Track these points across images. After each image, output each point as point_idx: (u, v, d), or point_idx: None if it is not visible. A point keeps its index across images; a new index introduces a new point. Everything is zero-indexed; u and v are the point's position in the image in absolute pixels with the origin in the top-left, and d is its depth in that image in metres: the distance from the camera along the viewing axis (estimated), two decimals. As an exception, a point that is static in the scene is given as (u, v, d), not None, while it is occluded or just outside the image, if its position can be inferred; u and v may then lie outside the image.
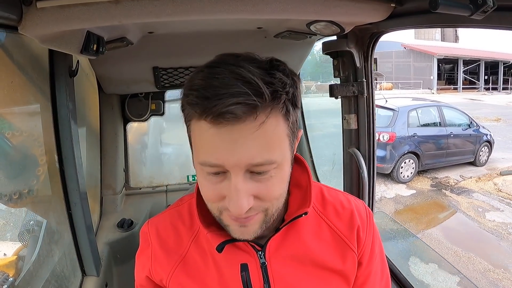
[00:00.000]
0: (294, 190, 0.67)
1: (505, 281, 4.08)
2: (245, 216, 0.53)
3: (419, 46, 26.09)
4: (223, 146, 0.48)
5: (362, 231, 0.68)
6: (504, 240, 5.04)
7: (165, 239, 0.67)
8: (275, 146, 0.51)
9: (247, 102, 0.45)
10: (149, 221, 0.71)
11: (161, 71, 1.57)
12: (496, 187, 6.87)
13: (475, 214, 5.87)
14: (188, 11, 0.74)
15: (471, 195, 6.65)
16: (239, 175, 0.50)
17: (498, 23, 0.70)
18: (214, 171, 0.51)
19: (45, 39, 0.77)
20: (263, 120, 0.48)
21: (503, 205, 6.12)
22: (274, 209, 0.56)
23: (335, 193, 0.72)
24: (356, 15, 0.89)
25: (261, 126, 0.48)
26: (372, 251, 0.70)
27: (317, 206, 0.69)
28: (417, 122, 7.35)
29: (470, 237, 5.18)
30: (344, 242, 0.67)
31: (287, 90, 0.50)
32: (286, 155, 0.54)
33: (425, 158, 7.33)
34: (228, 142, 0.48)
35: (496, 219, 5.64)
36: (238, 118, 0.46)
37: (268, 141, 0.50)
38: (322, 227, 0.67)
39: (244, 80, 0.46)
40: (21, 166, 1.09)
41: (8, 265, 1.28)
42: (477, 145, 8.00)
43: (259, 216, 0.55)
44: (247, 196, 0.51)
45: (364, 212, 0.71)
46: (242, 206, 0.50)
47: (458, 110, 8.32)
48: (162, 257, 0.66)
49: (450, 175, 7.59)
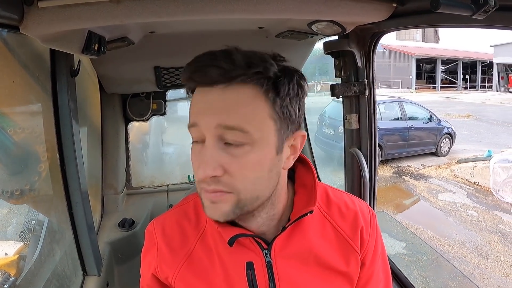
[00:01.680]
0: (299, 190, 0.67)
1: (447, 247, 4.82)
2: (212, 189, 0.53)
3: (398, 47, 26.53)
4: (199, 106, 0.54)
5: (366, 232, 0.68)
6: (451, 215, 5.77)
7: (171, 238, 0.67)
8: (250, 118, 0.52)
9: (218, 65, 0.50)
10: (154, 220, 0.71)
11: (162, 70, 1.57)
12: (452, 173, 7.57)
13: (428, 195, 6.58)
14: (190, 11, 0.74)
15: (428, 180, 7.37)
16: (211, 140, 0.52)
17: (499, 23, 0.70)
18: (195, 136, 0.55)
19: (47, 39, 0.77)
20: (235, 86, 0.51)
21: (456, 188, 6.88)
22: (249, 195, 0.55)
23: (339, 193, 0.72)
24: (358, 15, 0.89)
25: (234, 90, 0.51)
26: (375, 252, 0.70)
27: (321, 206, 0.69)
28: (380, 116, 8.00)
29: (421, 213, 5.89)
30: (348, 243, 0.67)
31: (269, 69, 0.52)
32: (267, 137, 0.54)
33: (387, 148, 8.07)
34: (203, 102, 0.53)
35: (447, 199, 6.36)
36: (210, 79, 0.51)
37: (240, 107, 0.52)
38: (327, 227, 0.67)
39: (226, 52, 0.51)
40: (23, 163, 1.09)
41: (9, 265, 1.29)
42: (438, 137, 8.77)
43: (230, 196, 0.54)
44: (214, 162, 0.52)
45: (367, 213, 0.71)
46: (205, 169, 0.51)
47: (419, 105, 9.17)
48: (168, 255, 0.66)
49: (412, 164, 8.35)
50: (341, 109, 1.38)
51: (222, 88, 0.51)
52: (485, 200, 6.23)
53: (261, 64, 0.52)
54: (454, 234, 5.13)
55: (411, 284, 1.32)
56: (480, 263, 4.41)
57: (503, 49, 22.80)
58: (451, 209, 5.96)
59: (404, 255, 4.32)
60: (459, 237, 5.04)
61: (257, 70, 0.51)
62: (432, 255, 4.33)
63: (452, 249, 4.72)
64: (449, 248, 4.76)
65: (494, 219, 5.56)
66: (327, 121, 7.74)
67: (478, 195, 6.45)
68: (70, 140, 1.14)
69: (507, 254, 4.58)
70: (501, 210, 5.82)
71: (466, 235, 5.08)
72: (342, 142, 1.42)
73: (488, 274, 4.19)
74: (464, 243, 4.87)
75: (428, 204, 6.25)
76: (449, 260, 4.26)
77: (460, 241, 4.91)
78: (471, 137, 10.76)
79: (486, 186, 6.66)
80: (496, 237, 5.01)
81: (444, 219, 5.61)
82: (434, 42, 34.76)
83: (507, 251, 4.64)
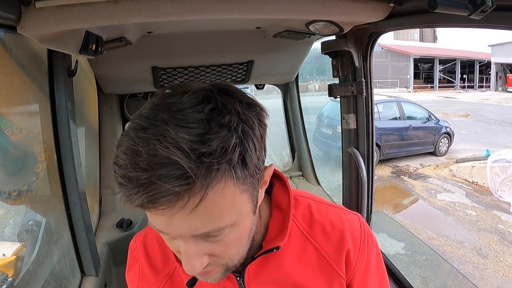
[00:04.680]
0: (275, 212, 0.63)
1: (446, 247, 4.79)
2: (203, 272, 0.51)
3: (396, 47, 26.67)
4: (161, 224, 0.45)
5: (353, 254, 0.63)
6: (450, 215, 5.74)
7: (153, 258, 0.66)
8: (223, 213, 0.45)
9: (173, 190, 0.39)
10: (137, 236, 0.70)
11: (160, 71, 1.57)
12: (451, 173, 7.55)
13: (427, 195, 6.55)
14: (187, 11, 0.74)
15: (426, 180, 7.35)
16: (188, 241, 0.47)
17: (497, 23, 0.70)
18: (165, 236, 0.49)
19: (44, 39, 0.77)
20: (200, 198, 0.41)
21: (455, 188, 6.84)
22: (235, 262, 0.53)
23: (325, 210, 0.66)
24: (355, 15, 0.89)
25: (199, 203, 0.42)
26: (366, 269, 0.66)
27: (303, 226, 0.64)
28: (378, 116, 8.07)
29: (420, 213, 5.88)
30: (331, 267, 0.62)
31: (229, 155, 0.41)
32: (243, 211, 0.49)
33: (386, 148, 8.08)
34: (166, 223, 0.44)
35: (446, 199, 6.33)
36: (167, 207, 0.41)
37: (212, 212, 0.44)
38: (308, 250, 0.63)
39: (170, 161, 0.39)
40: (20, 163, 1.09)
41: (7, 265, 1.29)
42: (436, 136, 8.77)
43: (219, 268, 0.52)
44: (200, 257, 0.48)
45: (358, 230, 0.65)
46: (194, 268, 0.48)
47: (417, 105, 9.18)
48: (150, 275, 0.65)
49: (411, 163, 8.34)
50: (339, 109, 1.38)
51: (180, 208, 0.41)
52: (484, 200, 6.23)
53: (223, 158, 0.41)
54: (453, 234, 5.13)
55: (409, 284, 1.32)
56: (480, 263, 4.41)
57: (501, 49, 22.89)
58: (450, 209, 5.96)
59: (403, 255, 4.32)
60: (458, 237, 5.04)
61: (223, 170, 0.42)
62: (431, 255, 4.34)
63: (451, 249, 4.72)
64: (448, 248, 4.75)
65: (493, 218, 5.56)
66: (325, 120, 7.76)
67: (477, 195, 6.45)
68: (68, 141, 1.14)
69: (506, 253, 4.58)
70: (500, 210, 5.82)
71: (465, 235, 5.08)
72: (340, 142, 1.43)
73: (487, 274, 4.19)
74: (463, 243, 4.87)
75: (427, 204, 6.24)
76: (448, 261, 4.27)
77: (459, 241, 4.91)
78: (469, 136, 10.76)
79: (484, 185, 6.66)
80: (495, 237, 5.01)
81: (443, 219, 5.61)
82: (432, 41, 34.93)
83: (506, 251, 4.64)
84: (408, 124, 8.41)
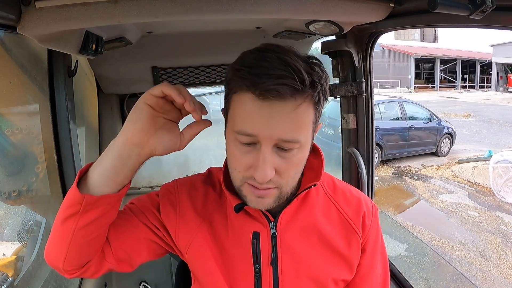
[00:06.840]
0: (307, 172, 0.71)
1: (448, 248, 4.77)
2: (264, 187, 0.59)
3: (397, 47, 26.63)
4: (262, 119, 0.55)
5: (368, 218, 0.73)
6: (452, 216, 5.73)
7: (195, 198, 0.72)
8: (303, 129, 0.57)
9: (291, 85, 0.52)
10: (178, 180, 0.75)
11: (160, 71, 1.57)
12: (453, 173, 7.53)
13: (429, 196, 6.54)
14: (187, 11, 0.74)
15: (428, 180, 7.34)
16: (268, 147, 0.56)
17: (497, 23, 0.70)
18: (246, 141, 0.57)
19: (44, 39, 0.77)
20: (300, 103, 0.55)
21: (457, 189, 6.83)
22: (288, 188, 0.62)
23: (345, 183, 0.79)
24: (355, 15, 0.88)
25: (297, 107, 0.55)
26: (375, 242, 0.75)
27: (327, 189, 0.75)
28: (380, 116, 8.07)
29: (422, 214, 5.84)
30: (350, 226, 0.72)
31: (322, 82, 0.57)
32: (308, 139, 0.60)
33: (387, 148, 8.04)
34: (267, 116, 0.54)
35: (448, 200, 6.30)
36: (281, 97, 0.53)
37: (299, 122, 0.56)
38: (331, 209, 0.73)
39: (290, 66, 0.52)
40: (20, 163, 1.09)
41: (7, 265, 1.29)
42: (438, 136, 8.72)
43: (275, 191, 0.60)
44: (271, 167, 0.57)
45: (370, 204, 0.76)
46: (266, 174, 0.56)
47: (419, 105, 9.13)
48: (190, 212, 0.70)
49: (413, 164, 8.32)
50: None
51: (287, 104, 0.54)
52: (487, 201, 6.20)
53: (319, 82, 0.56)
54: (455, 235, 5.11)
55: (409, 284, 1.32)
56: (483, 264, 4.38)
57: (502, 49, 22.83)
58: (452, 210, 5.94)
59: (406, 257, 4.31)
60: (461, 238, 5.01)
61: (317, 90, 0.56)
62: (434, 257, 4.32)
63: (453, 251, 4.70)
64: (451, 249, 4.73)
65: (495, 220, 5.53)
66: (327, 121, 7.73)
67: (479, 196, 6.42)
68: (68, 141, 1.14)
69: (510, 255, 4.55)
70: (502, 211, 5.79)
71: (467, 237, 5.06)
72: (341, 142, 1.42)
73: (490, 276, 4.16)
74: (465, 244, 4.84)
75: (429, 204, 6.22)
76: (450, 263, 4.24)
77: (462, 243, 4.88)
78: (471, 136, 10.72)
79: (487, 186, 6.63)
80: (498, 238, 4.98)
81: (445, 220, 5.60)
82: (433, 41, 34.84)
83: (509, 253, 4.61)
84: (410, 125, 8.37)
